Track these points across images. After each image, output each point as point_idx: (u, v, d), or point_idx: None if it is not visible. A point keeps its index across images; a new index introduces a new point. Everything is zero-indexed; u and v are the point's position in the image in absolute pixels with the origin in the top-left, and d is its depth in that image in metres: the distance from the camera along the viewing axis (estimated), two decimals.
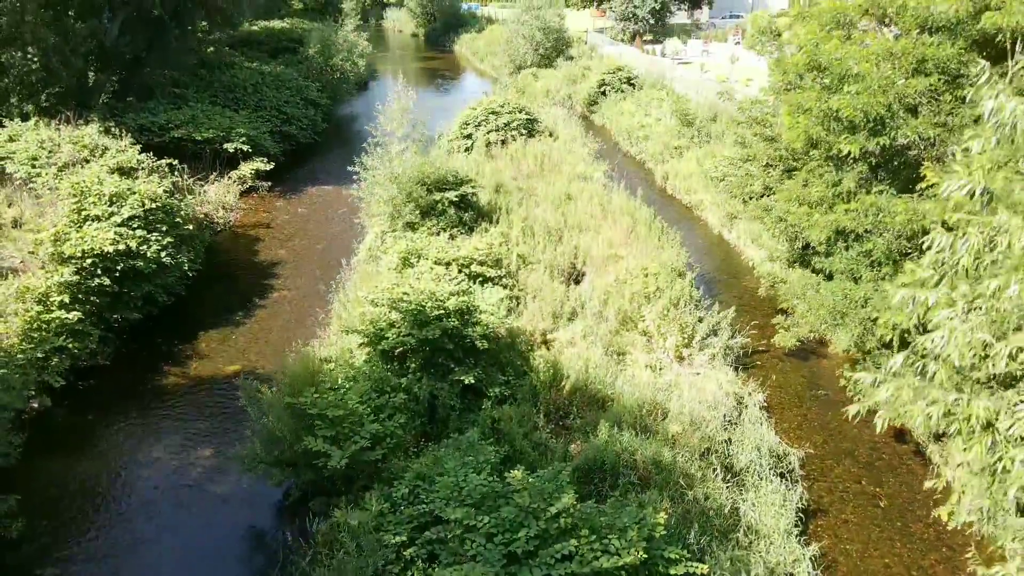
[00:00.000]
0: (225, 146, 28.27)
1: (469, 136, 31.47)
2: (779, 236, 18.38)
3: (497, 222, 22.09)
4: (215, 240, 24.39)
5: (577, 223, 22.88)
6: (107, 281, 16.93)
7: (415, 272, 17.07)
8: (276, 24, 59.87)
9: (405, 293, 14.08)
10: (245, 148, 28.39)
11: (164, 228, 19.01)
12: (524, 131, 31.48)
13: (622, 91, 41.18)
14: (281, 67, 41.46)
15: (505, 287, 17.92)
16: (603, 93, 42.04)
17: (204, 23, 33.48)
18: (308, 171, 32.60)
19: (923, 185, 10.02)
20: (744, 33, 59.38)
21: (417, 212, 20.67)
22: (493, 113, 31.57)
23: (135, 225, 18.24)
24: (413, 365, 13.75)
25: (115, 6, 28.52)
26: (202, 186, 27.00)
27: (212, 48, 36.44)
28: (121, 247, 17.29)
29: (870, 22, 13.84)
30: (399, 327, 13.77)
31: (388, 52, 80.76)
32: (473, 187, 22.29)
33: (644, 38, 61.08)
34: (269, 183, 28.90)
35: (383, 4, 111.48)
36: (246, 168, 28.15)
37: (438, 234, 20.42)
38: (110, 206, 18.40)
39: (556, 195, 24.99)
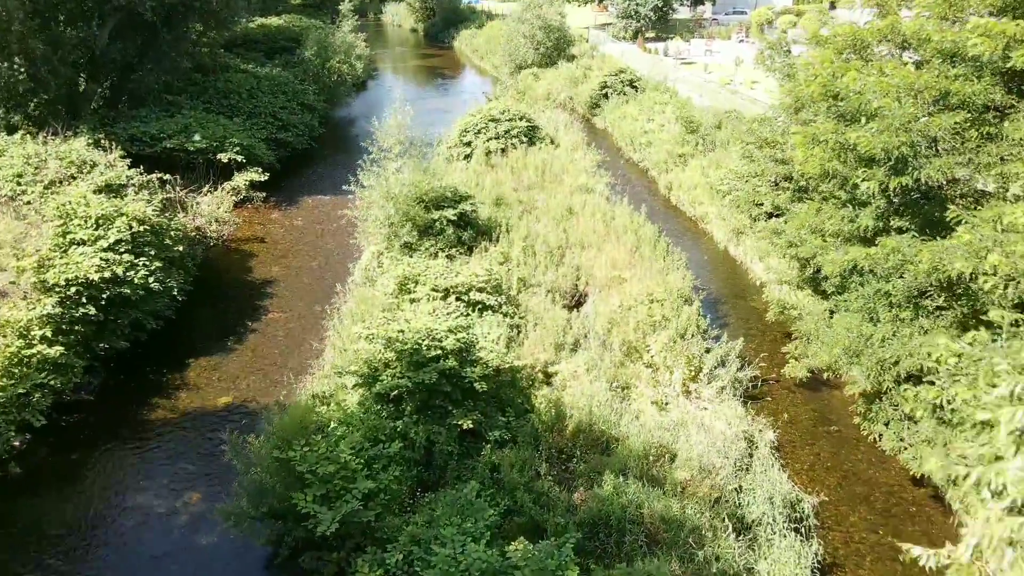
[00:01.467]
0: (218, 156, 27.58)
1: (469, 143, 30.79)
2: (789, 261, 17.76)
3: (497, 240, 21.44)
4: (208, 256, 23.76)
5: (579, 240, 22.26)
6: (92, 310, 16.33)
7: (412, 303, 16.47)
8: (273, 21, 59.01)
9: (401, 331, 13.46)
10: (239, 158, 27.69)
11: (152, 252, 18.38)
12: (525, 139, 30.80)
13: (624, 94, 40.44)
14: (277, 69, 40.77)
15: (505, 315, 17.30)
16: (605, 96, 41.30)
17: (198, 26, 32.63)
18: (304, 179, 31.93)
19: (952, 241, 9.40)
20: (748, 31, 58.60)
21: (415, 232, 20.04)
22: (493, 120, 30.87)
23: (122, 249, 17.61)
24: (409, 408, 13.14)
25: (105, 12, 27.75)
26: (195, 198, 26.35)
27: (207, 50, 35.54)
28: (107, 274, 16.68)
29: (889, 48, 13.15)
30: (394, 368, 13.16)
31: (387, 48, 79.88)
32: (472, 204, 21.65)
33: (647, 35, 60.27)
34: (264, 194, 28.23)
35: None
36: (240, 179, 27.47)
37: (436, 255, 19.82)
38: (96, 229, 17.79)
39: (557, 209, 24.36)
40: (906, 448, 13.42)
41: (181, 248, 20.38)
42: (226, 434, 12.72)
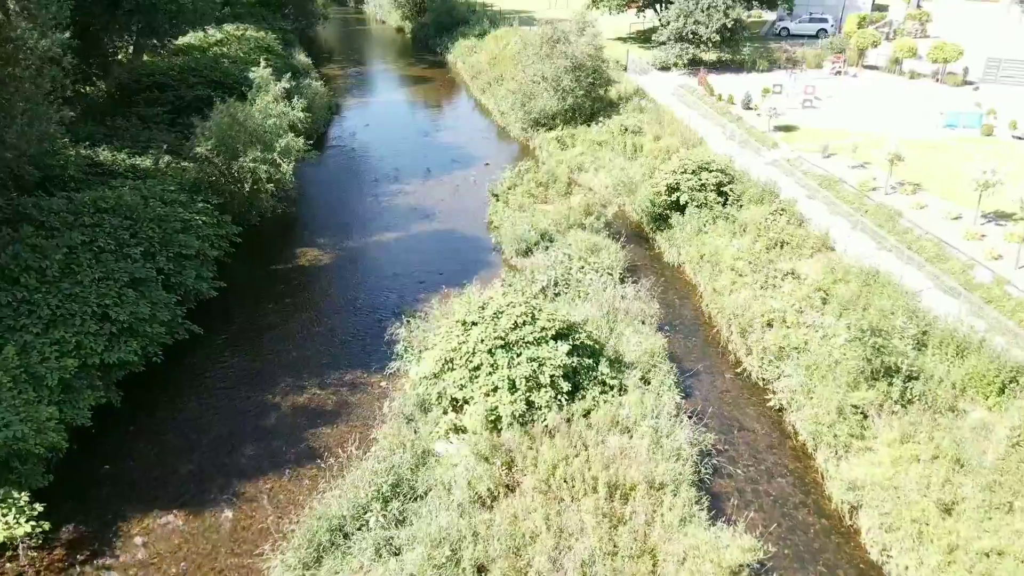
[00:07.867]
0: None
1: (462, 387, 16.19)
2: None
3: None
4: None
5: None
6: None
7: None
8: (211, 37, 44.74)
9: None
10: None
11: None
12: (565, 384, 16.14)
13: (709, 206, 25.48)
14: (166, 159, 25.97)
15: None
16: (677, 204, 26.29)
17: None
18: (146, 442, 17.20)
19: None
20: (845, 59, 43.35)
21: None
22: (504, 346, 16.19)
23: None
24: None
25: None
26: None
27: (43, 145, 19.83)
28: None
29: None
30: None
31: (366, 62, 64.29)
32: None
33: (707, 57, 44.95)
34: (44, 528, 13.81)
35: None
36: None
37: None
38: None
39: None
40: None
41: None
42: None
